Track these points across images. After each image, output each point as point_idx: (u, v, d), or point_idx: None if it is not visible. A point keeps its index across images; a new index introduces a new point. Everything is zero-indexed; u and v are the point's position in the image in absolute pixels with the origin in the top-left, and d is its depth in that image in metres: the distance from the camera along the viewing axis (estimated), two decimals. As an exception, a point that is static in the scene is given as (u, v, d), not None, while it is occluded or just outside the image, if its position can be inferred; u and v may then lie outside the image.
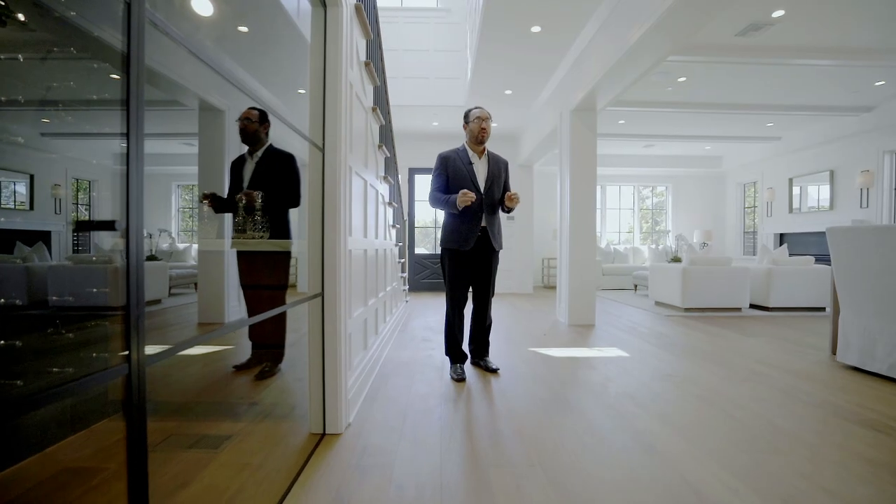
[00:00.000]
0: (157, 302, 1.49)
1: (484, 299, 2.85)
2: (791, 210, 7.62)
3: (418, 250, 8.04)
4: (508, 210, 2.77)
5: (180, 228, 2.25)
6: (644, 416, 2.11)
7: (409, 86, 6.04)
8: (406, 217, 6.58)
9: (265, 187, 2.10)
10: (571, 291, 4.59)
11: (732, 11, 3.48)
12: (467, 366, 2.95)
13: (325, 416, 1.91)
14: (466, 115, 2.76)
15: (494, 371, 2.84)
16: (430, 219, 8.40)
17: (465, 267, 2.73)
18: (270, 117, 1.92)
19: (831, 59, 4.28)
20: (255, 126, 2.04)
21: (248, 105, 1.91)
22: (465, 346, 2.96)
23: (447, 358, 2.91)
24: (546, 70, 4.81)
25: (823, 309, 5.43)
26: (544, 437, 1.89)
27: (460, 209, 2.57)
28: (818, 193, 7.24)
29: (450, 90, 6.14)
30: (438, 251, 7.99)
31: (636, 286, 7.52)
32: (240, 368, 2.39)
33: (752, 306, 5.60)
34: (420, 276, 7.88)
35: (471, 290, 2.87)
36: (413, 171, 7.92)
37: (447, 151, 2.76)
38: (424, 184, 8.08)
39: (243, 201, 2.02)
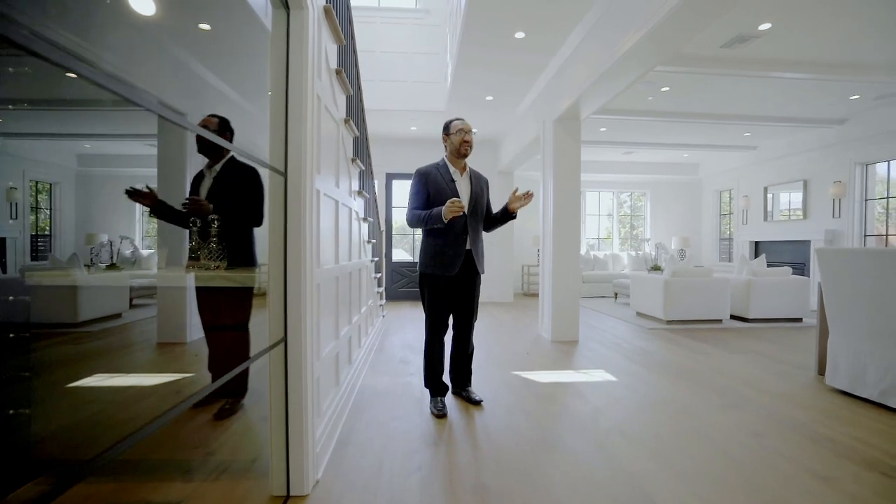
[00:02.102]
0: (117, 316, 1.35)
1: (467, 326, 2.65)
2: (766, 218, 7.72)
3: (396, 257, 7.79)
4: (513, 216, 2.57)
5: (144, 233, 2.01)
6: (639, 458, 1.96)
7: (385, 89, 5.79)
8: (383, 228, 6.33)
9: (224, 206, 1.84)
10: (555, 306, 4.45)
11: (722, 23, 3.39)
12: (448, 397, 2.74)
13: (288, 476, 1.67)
14: (447, 127, 2.55)
15: (478, 403, 2.64)
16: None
17: (447, 293, 2.52)
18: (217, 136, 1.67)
19: (811, 72, 4.28)
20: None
21: (214, 107, 1.66)
22: (446, 376, 2.75)
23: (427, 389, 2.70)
24: (529, 76, 4.65)
25: (800, 319, 5.47)
26: (534, 493, 1.70)
27: (447, 222, 2.33)
28: (790, 202, 7.35)
29: (428, 94, 5.92)
30: (417, 259, 7.79)
31: (616, 294, 7.48)
32: (196, 405, 2.11)
33: (733, 317, 5.59)
34: (398, 284, 7.64)
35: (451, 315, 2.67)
36: (390, 177, 7.67)
37: (426, 167, 2.54)
38: (402, 189, 7.84)
39: (197, 221, 1.77)
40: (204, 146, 1.78)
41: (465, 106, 5.60)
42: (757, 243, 7.90)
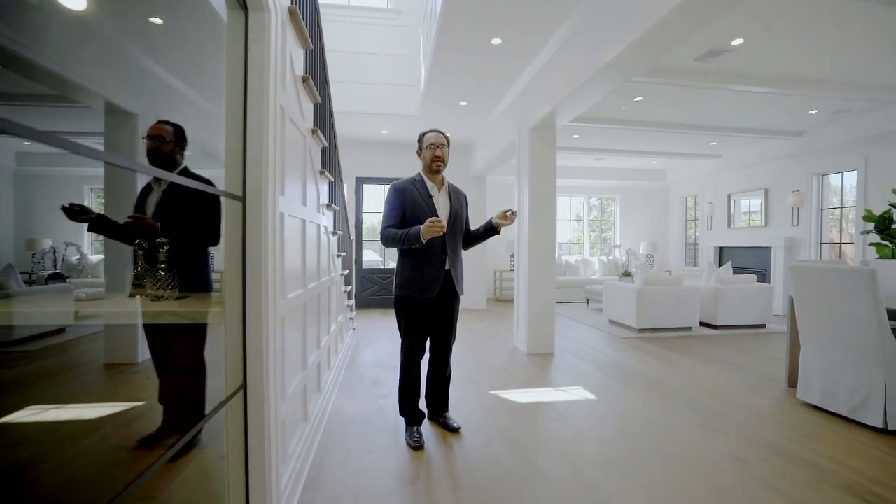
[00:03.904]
0: (61, 332, 1.18)
1: (445, 350, 2.51)
2: (730, 224, 7.96)
3: (367, 264, 7.55)
4: (497, 232, 2.45)
5: (94, 238, 1.77)
6: (627, 490, 1.87)
7: (356, 91, 5.57)
8: (353, 236, 6.10)
9: (174, 225, 1.62)
10: (530, 318, 4.37)
11: (698, 36, 3.38)
12: (425, 423, 2.59)
13: (248, 538, 1.48)
14: (420, 140, 2.39)
15: (456, 430, 2.50)
16: (377, 221, 7.97)
17: (425, 316, 2.37)
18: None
19: (775, 87, 4.38)
20: (170, 146, 1.56)
21: (168, 107, 1.45)
22: (422, 402, 2.60)
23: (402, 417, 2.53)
24: (505, 83, 4.56)
25: (764, 326, 5.63)
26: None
27: (425, 242, 2.17)
28: (750, 208, 7.61)
29: (401, 97, 5.74)
30: (388, 265, 7.58)
31: (588, 300, 7.52)
32: (146, 443, 1.87)
33: (702, 324, 5.70)
34: (368, 291, 7.41)
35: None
36: (361, 181, 7.43)
37: (402, 182, 2.37)
38: (372, 193, 7.62)
39: (143, 243, 1.55)
40: (161, 159, 1.56)
41: (438, 110, 5.46)
42: (721, 249, 8.14)
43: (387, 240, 2.29)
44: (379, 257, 7.89)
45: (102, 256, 1.52)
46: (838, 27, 3.37)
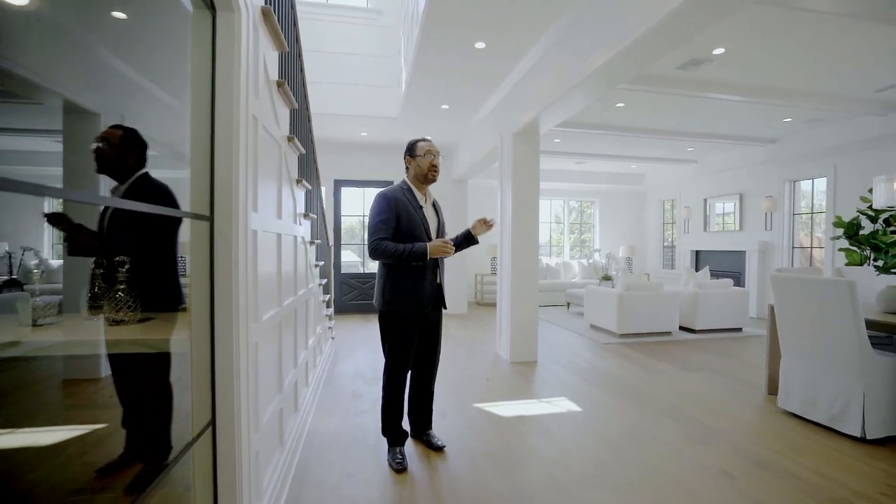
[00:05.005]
0: (14, 344, 1.12)
1: (431, 366, 2.42)
2: (706, 228, 8.12)
3: (345, 268, 7.38)
4: (476, 241, 2.39)
5: (54, 241, 1.61)
6: (619, 520, 1.82)
7: (334, 92, 5.41)
8: (332, 242, 5.94)
9: (129, 240, 1.48)
10: (513, 325, 4.32)
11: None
12: (408, 442, 2.49)
13: (217, 585, 1.36)
14: (412, 148, 2.28)
15: (440, 449, 2.42)
16: (357, 223, 7.81)
17: (414, 332, 2.27)
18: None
19: (751, 96, 4.46)
20: (115, 151, 1.41)
21: (135, 106, 1.33)
22: (405, 418, 2.50)
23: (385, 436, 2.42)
24: (488, 87, 4.49)
25: (741, 329, 5.74)
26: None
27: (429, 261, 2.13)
28: (723, 211, 7.78)
29: (380, 99, 5.61)
30: (368, 268, 7.43)
31: (569, 304, 7.55)
32: (107, 472, 1.71)
33: (682, 328, 5.76)
34: (347, 297, 7.24)
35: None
36: (339, 183, 7.26)
37: (392, 191, 2.24)
38: (351, 196, 7.45)
39: (102, 261, 1.41)
40: (104, 165, 1.41)
41: (419, 113, 5.35)
42: (697, 252, 8.29)
43: (380, 253, 2.13)
44: (357, 258, 7.74)
45: (62, 261, 1.40)
46: (814, 41, 3.43)
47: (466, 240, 2.38)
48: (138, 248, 1.46)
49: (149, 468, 1.62)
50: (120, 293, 1.45)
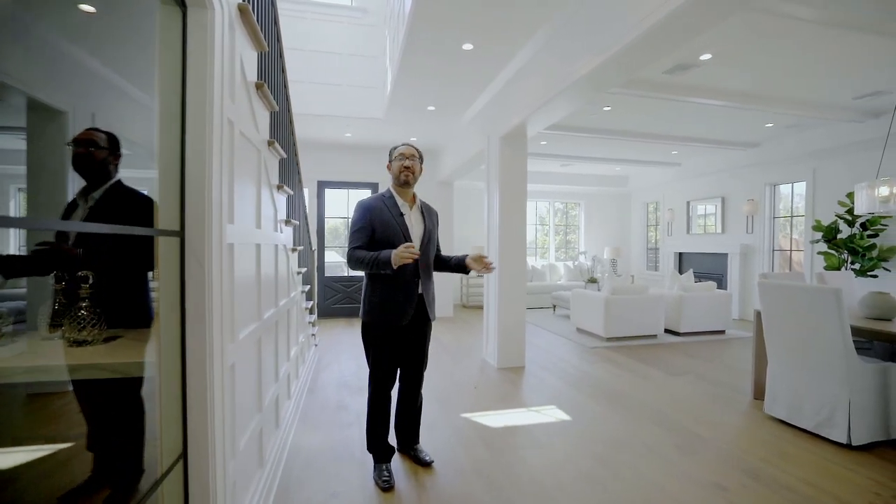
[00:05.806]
0: None
1: (416, 379, 2.33)
2: (689, 231, 8.21)
3: (329, 269, 7.23)
4: (467, 272, 2.30)
5: (21, 244, 1.48)
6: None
7: (317, 92, 5.28)
8: (315, 246, 5.80)
9: (102, 249, 1.36)
10: (501, 331, 4.27)
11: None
12: (395, 457, 2.41)
13: None
14: (390, 153, 2.24)
15: (428, 465, 2.34)
16: (341, 224, 7.67)
17: (396, 344, 2.18)
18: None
19: (735, 101, 4.50)
20: (104, 154, 1.30)
21: (106, 104, 1.22)
22: (391, 432, 2.42)
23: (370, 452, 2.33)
24: (475, 89, 4.42)
25: (724, 332, 5.80)
26: None
27: (396, 268, 1.99)
28: (705, 213, 7.88)
29: (365, 100, 5.49)
30: (352, 271, 7.29)
31: (555, 306, 7.54)
32: (70, 500, 1.59)
33: (667, 331, 5.80)
34: (331, 300, 7.10)
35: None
36: (323, 185, 7.11)
37: (370, 199, 2.18)
38: (335, 198, 7.31)
39: (64, 275, 1.30)
40: (90, 169, 1.30)
41: (405, 114, 5.26)
42: (680, 254, 8.38)
43: (354, 263, 2.08)
44: (342, 259, 7.59)
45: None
46: (796, 50, 3.45)
47: (458, 266, 2.31)
48: (108, 263, 1.35)
49: (116, 498, 1.50)
50: (83, 310, 1.33)
